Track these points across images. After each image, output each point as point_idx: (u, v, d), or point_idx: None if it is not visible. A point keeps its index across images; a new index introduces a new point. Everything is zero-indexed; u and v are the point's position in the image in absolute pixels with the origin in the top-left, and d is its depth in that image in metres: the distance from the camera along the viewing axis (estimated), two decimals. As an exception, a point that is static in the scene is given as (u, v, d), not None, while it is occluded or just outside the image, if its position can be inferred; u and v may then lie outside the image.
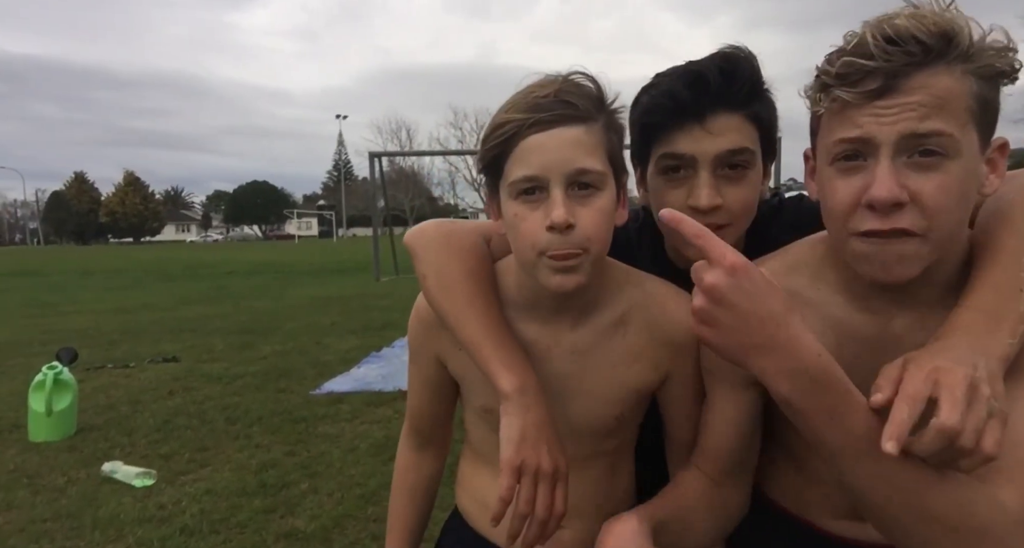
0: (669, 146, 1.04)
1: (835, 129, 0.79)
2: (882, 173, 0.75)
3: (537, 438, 0.91)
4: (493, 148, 0.90)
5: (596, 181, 0.90)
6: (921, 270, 0.79)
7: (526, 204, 0.90)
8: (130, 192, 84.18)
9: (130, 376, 5.51)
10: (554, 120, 0.87)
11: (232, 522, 2.81)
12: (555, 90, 0.88)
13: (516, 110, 0.89)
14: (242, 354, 6.30)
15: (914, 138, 0.75)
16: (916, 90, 0.74)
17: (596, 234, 0.90)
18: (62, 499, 3.08)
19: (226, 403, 4.59)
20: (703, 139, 1.01)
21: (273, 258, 26.50)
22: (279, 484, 3.18)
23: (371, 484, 3.14)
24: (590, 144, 0.89)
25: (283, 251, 35.43)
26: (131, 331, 7.92)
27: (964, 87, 0.74)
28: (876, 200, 0.75)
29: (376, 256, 14.55)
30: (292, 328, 7.82)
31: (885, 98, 0.75)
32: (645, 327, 1.04)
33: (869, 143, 0.77)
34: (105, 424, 4.17)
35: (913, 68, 0.74)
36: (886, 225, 0.76)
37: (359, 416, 4.21)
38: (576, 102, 0.88)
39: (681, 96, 1.01)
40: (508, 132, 0.88)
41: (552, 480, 0.91)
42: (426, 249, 1.07)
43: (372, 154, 15.23)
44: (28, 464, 3.53)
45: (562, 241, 0.88)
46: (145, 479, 3.23)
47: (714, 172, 1.03)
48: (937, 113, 0.74)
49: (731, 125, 1.01)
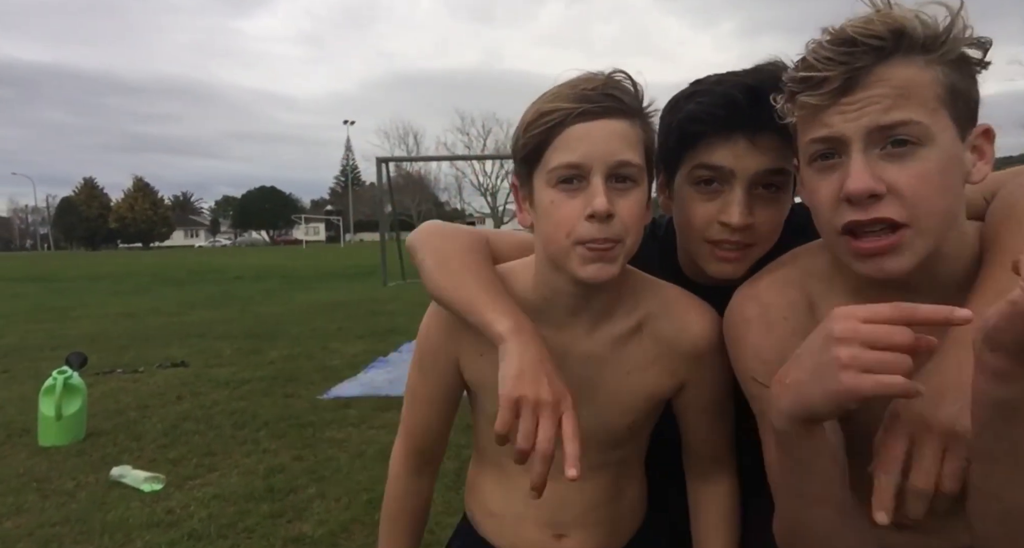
0: (708, 156, 1.00)
1: (807, 131, 0.82)
2: (855, 166, 0.77)
3: (536, 372, 0.89)
4: (537, 135, 0.90)
5: (635, 175, 0.91)
6: (916, 262, 0.79)
7: (564, 192, 0.90)
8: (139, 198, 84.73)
9: (139, 381, 5.53)
10: (601, 112, 0.88)
11: (240, 527, 2.81)
12: (601, 83, 0.89)
13: (562, 100, 0.89)
14: (249, 359, 6.32)
15: (881, 130, 0.76)
16: (876, 84, 0.76)
17: (633, 225, 0.91)
18: (71, 503, 3.09)
19: (234, 408, 4.60)
20: (747, 154, 0.98)
21: (280, 263, 26.58)
22: (287, 489, 3.18)
23: (378, 489, 3.12)
24: (633, 138, 0.90)
25: (290, 256, 35.54)
26: (140, 336, 7.95)
27: (928, 76, 0.76)
28: (852, 193, 0.77)
29: (383, 261, 14.58)
30: (299, 333, 7.84)
31: (848, 95, 0.77)
32: (662, 335, 1.03)
33: (840, 140, 0.78)
34: (114, 429, 4.19)
35: (869, 64, 0.76)
36: (866, 216, 0.77)
37: (366, 421, 4.21)
38: (621, 97, 0.90)
39: (738, 106, 0.97)
40: (554, 120, 0.89)
41: (555, 409, 0.87)
42: (424, 239, 1.09)
43: (379, 159, 15.31)
44: (37, 468, 3.55)
45: (601, 230, 0.88)
46: (153, 484, 3.23)
47: (749, 190, 1.00)
48: (902, 103, 0.76)
49: (776, 144, 0.98)
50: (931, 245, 0.79)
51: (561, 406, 0.87)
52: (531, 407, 0.86)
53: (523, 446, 0.86)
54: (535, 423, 0.86)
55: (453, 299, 1.00)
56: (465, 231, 1.10)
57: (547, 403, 0.86)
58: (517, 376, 0.88)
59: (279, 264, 25.74)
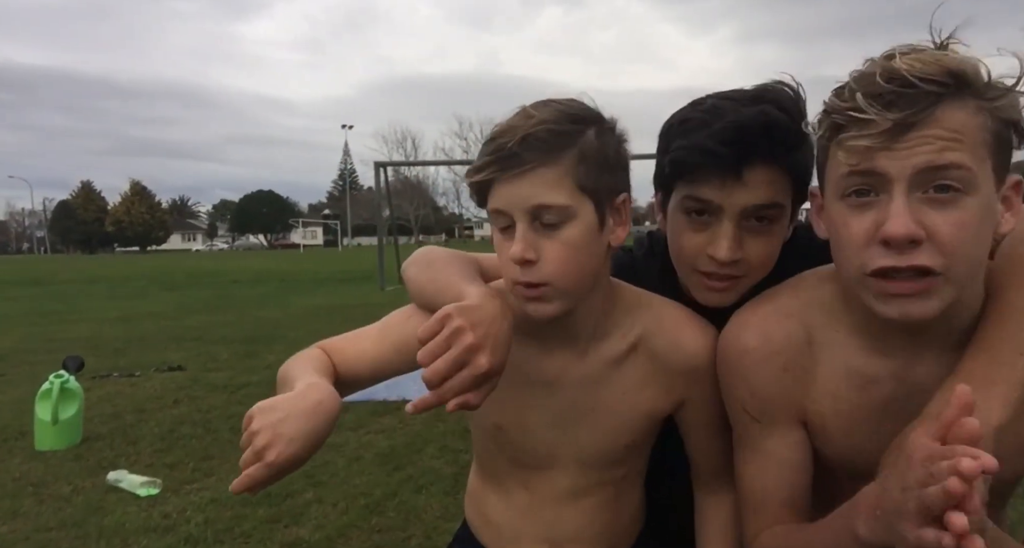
0: (697, 190, 0.99)
1: (845, 164, 0.77)
2: (897, 208, 0.73)
3: (489, 322, 0.86)
4: (475, 190, 0.95)
5: (558, 215, 0.89)
6: (941, 309, 0.75)
7: (503, 235, 0.93)
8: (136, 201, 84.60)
9: (135, 385, 5.51)
10: (519, 171, 0.88)
11: (236, 532, 2.80)
12: (523, 134, 0.88)
13: (487, 156, 0.91)
14: (247, 363, 6.31)
15: (930, 171, 0.72)
16: (931, 125, 0.72)
17: (559, 269, 0.89)
18: (67, 508, 3.08)
19: (231, 412, 4.59)
20: (735, 190, 0.97)
21: (278, 267, 26.54)
22: (283, 493, 3.17)
23: (376, 494, 3.14)
24: (553, 180, 0.88)
25: (288, 260, 35.50)
26: (136, 340, 7.93)
27: (979, 121, 0.73)
28: (892, 236, 0.72)
29: (381, 265, 14.57)
30: (297, 337, 7.82)
31: (899, 136, 0.73)
32: (657, 353, 1.02)
33: (882, 178, 0.74)
34: (110, 433, 4.18)
35: (926, 106, 0.72)
36: (902, 262, 0.73)
37: (363, 425, 4.20)
38: (541, 146, 0.88)
39: (719, 153, 0.95)
40: (482, 182, 0.92)
41: (480, 373, 0.83)
42: (414, 259, 1.12)
43: (377, 164, 15.30)
44: (33, 472, 3.53)
45: (524, 273, 0.90)
46: (150, 488, 3.22)
47: (739, 223, 0.99)
48: (954, 146, 0.72)
49: (766, 178, 0.97)
50: (958, 294, 0.76)
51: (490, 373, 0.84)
52: (456, 336, 0.83)
53: (420, 360, 0.83)
54: (444, 350, 0.82)
55: (429, 291, 1.01)
56: (455, 251, 1.13)
57: (479, 363, 0.83)
58: (467, 308, 0.86)
59: (277, 268, 25.71)
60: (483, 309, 0.88)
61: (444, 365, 0.82)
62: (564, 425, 1.03)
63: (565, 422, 1.03)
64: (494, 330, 0.86)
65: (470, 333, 0.83)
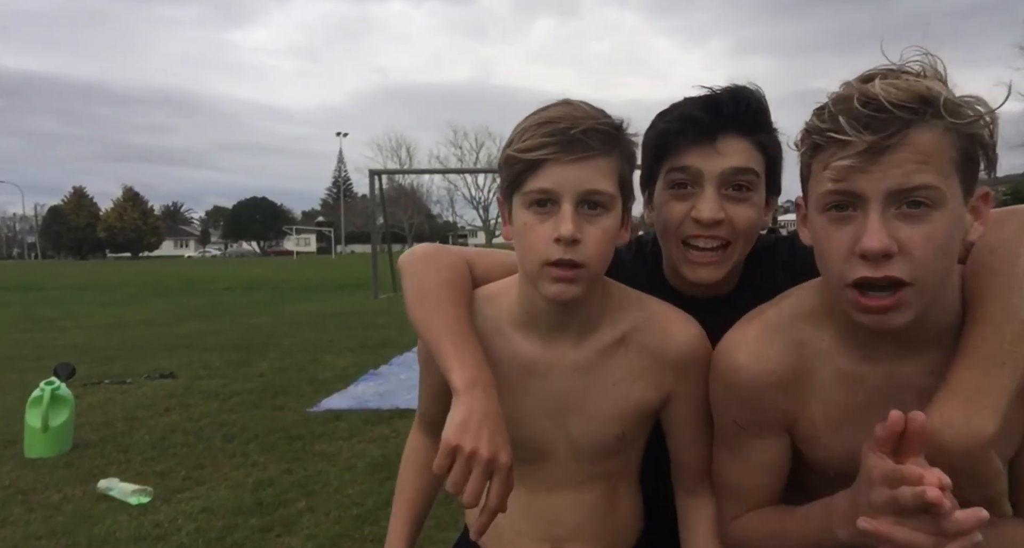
0: (679, 160, 1.11)
1: (825, 182, 0.84)
2: (872, 225, 0.80)
3: (480, 425, 0.92)
4: (516, 169, 0.97)
5: (605, 202, 0.96)
6: (914, 316, 0.83)
7: (537, 215, 0.96)
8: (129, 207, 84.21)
9: (127, 392, 5.49)
10: (574, 158, 0.93)
11: (228, 541, 2.79)
12: (589, 125, 0.94)
13: (540, 136, 0.94)
14: (239, 371, 6.29)
15: (901, 193, 0.79)
16: (902, 148, 0.78)
17: (598, 252, 0.96)
18: (57, 516, 3.06)
19: (223, 420, 4.58)
20: (712, 157, 1.10)
21: (271, 274, 26.47)
22: (276, 503, 3.16)
23: (368, 504, 3.13)
24: (605, 169, 0.96)
25: (281, 267, 35.41)
26: (128, 347, 7.89)
27: (947, 141, 0.79)
28: (867, 251, 0.80)
29: (375, 273, 14.56)
30: (289, 345, 7.81)
31: (873, 158, 0.79)
32: (646, 346, 1.07)
33: (859, 197, 0.81)
34: (101, 441, 4.15)
35: (899, 129, 0.78)
36: (878, 273, 0.81)
37: (356, 434, 4.19)
38: (603, 138, 0.95)
39: (696, 116, 1.10)
40: (531, 161, 0.95)
41: (487, 467, 0.91)
42: (411, 265, 1.14)
43: (372, 172, 15.32)
44: (23, 480, 3.51)
45: (566, 252, 0.94)
46: (141, 497, 3.20)
47: (719, 190, 1.10)
48: (923, 168, 0.79)
49: (739, 148, 1.10)
50: (928, 301, 0.83)
51: (495, 464, 0.91)
52: (465, 458, 0.90)
53: (452, 491, 0.91)
54: (466, 474, 0.90)
55: (424, 336, 1.07)
56: (449, 259, 1.14)
57: (482, 459, 0.90)
58: (460, 424, 0.92)
59: (270, 275, 25.64)
60: (474, 414, 0.93)
61: (474, 485, 0.91)
62: (556, 415, 1.07)
63: (557, 412, 1.07)
64: (489, 425, 0.93)
65: (481, 448, 0.90)
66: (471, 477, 0.90)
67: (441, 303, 1.07)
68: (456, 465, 0.90)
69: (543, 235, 0.95)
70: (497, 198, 1.09)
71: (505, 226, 1.06)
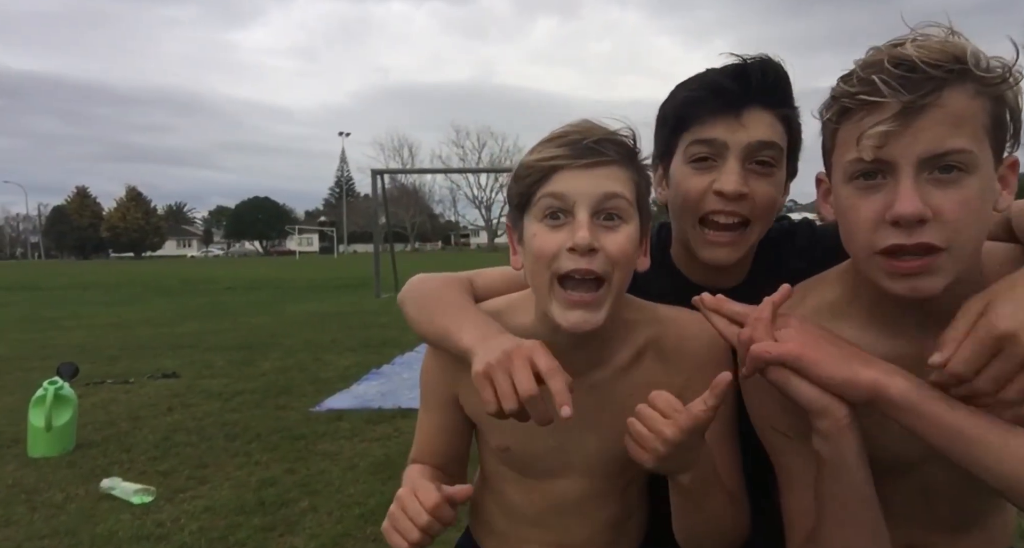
0: (702, 132, 1.06)
1: (850, 149, 0.81)
2: (905, 190, 0.77)
3: (499, 353, 0.86)
4: (527, 183, 0.92)
5: (623, 209, 0.91)
6: (947, 283, 0.80)
7: (549, 226, 0.91)
8: (132, 207, 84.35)
9: (129, 392, 5.49)
10: (588, 163, 0.90)
11: (231, 540, 2.79)
12: (603, 135, 0.91)
13: (552, 147, 0.91)
14: (241, 370, 6.29)
15: (934, 158, 0.77)
16: (935, 110, 0.76)
17: (620, 261, 0.90)
18: (60, 515, 3.06)
19: (225, 420, 4.58)
20: (737, 129, 1.05)
21: (273, 274, 26.51)
22: (278, 502, 3.16)
23: (370, 503, 3.13)
24: (622, 177, 0.92)
25: (283, 267, 35.45)
26: (131, 346, 7.91)
27: (978, 105, 0.77)
28: (901, 216, 0.77)
29: (377, 273, 14.56)
30: (292, 344, 7.81)
31: (905, 120, 0.76)
32: (663, 353, 1.03)
33: (889, 164, 0.78)
34: (104, 440, 4.16)
35: (932, 90, 0.76)
36: (910, 240, 0.78)
37: (359, 434, 4.19)
38: (607, 150, 0.91)
39: (723, 85, 1.05)
40: (543, 170, 0.90)
41: (520, 356, 0.84)
42: (408, 292, 1.13)
43: (374, 171, 15.32)
44: (26, 480, 3.52)
45: (583, 262, 0.88)
46: (144, 496, 3.21)
47: (743, 163, 1.06)
48: (955, 132, 0.76)
49: (765, 121, 1.06)
50: (961, 269, 0.81)
51: (525, 350, 0.85)
52: (499, 368, 0.84)
53: (510, 407, 0.84)
54: (511, 380, 0.84)
55: (430, 332, 1.03)
56: (445, 275, 1.13)
57: (510, 354, 0.85)
58: (481, 357, 0.88)
59: (272, 275, 25.67)
60: (491, 348, 0.88)
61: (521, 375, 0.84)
62: (571, 433, 1.03)
63: (572, 430, 1.03)
64: (508, 339, 0.89)
65: (508, 348, 0.85)
66: (515, 373, 0.83)
67: (440, 298, 1.05)
68: (498, 382, 0.84)
69: (554, 242, 0.89)
70: (506, 224, 1.03)
71: (514, 255, 1.00)
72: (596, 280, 0.90)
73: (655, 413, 0.85)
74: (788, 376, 0.83)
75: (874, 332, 0.91)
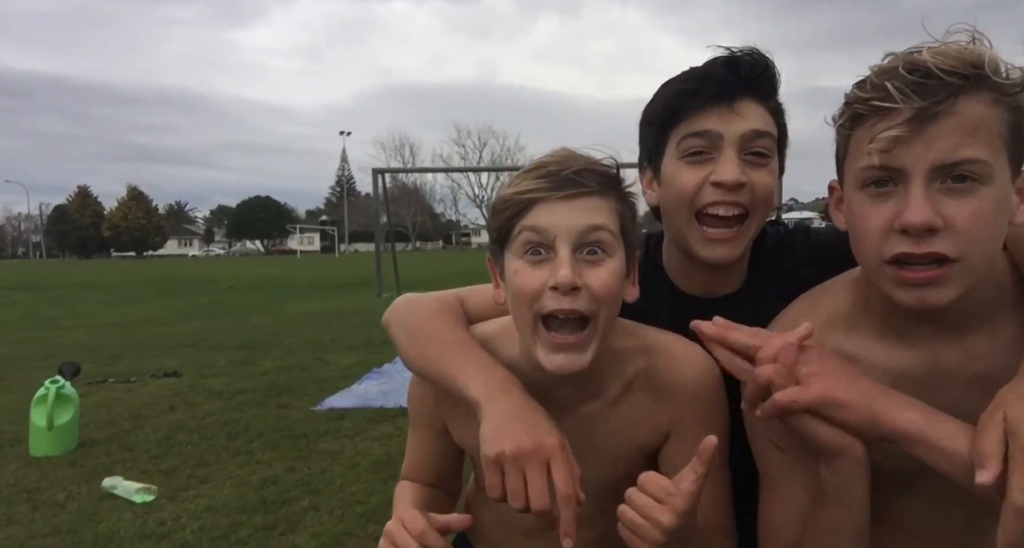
0: (695, 125, 1.04)
1: (862, 156, 0.80)
2: (915, 198, 0.75)
3: (512, 424, 0.84)
4: (506, 217, 0.89)
5: (607, 242, 0.87)
6: (957, 295, 0.78)
7: (529, 263, 0.87)
8: (133, 206, 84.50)
9: (131, 391, 5.50)
10: (566, 195, 0.86)
11: (232, 539, 2.79)
12: (575, 168, 0.88)
13: (529, 180, 0.88)
14: (243, 369, 6.29)
15: (946, 167, 0.75)
16: (949, 117, 0.74)
17: (606, 295, 0.87)
18: (62, 514, 3.06)
19: (227, 419, 4.58)
20: (731, 120, 1.03)
21: (275, 273, 26.52)
22: (280, 501, 3.16)
23: (372, 502, 3.13)
24: (604, 207, 0.88)
25: (285, 266, 35.48)
26: (132, 345, 7.91)
27: (995, 114, 0.75)
28: (910, 225, 0.75)
29: (378, 272, 14.56)
30: (293, 343, 7.82)
31: (918, 127, 0.75)
32: (651, 386, 1.00)
33: (900, 171, 0.77)
34: (106, 439, 4.16)
35: (944, 98, 0.74)
36: (920, 249, 0.76)
37: (360, 433, 4.20)
38: (587, 180, 0.88)
39: (714, 75, 1.04)
40: (521, 202, 0.88)
41: (536, 458, 0.81)
42: (394, 313, 1.09)
43: (375, 170, 15.30)
44: (28, 479, 3.52)
45: (566, 302, 0.85)
46: (145, 495, 3.21)
47: (739, 154, 1.04)
48: (970, 141, 0.74)
49: (756, 111, 1.05)
50: (973, 281, 0.79)
51: (542, 450, 0.82)
52: (512, 461, 0.82)
53: (516, 506, 0.82)
54: (522, 479, 0.81)
55: (427, 372, 1.00)
56: (436, 297, 1.08)
57: (527, 452, 0.81)
58: (493, 433, 0.84)
59: (273, 274, 25.69)
60: (501, 416, 0.85)
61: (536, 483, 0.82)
62: None
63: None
64: (523, 418, 0.85)
65: (522, 442, 0.82)
66: (529, 477, 0.81)
67: (435, 333, 1.00)
68: (508, 475, 0.81)
69: (535, 280, 0.85)
70: (487, 260, 0.99)
71: (496, 289, 0.97)
72: (581, 319, 0.87)
73: (648, 499, 0.81)
74: (807, 420, 0.81)
75: (889, 343, 0.89)
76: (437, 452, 1.11)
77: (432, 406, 1.07)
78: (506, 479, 0.82)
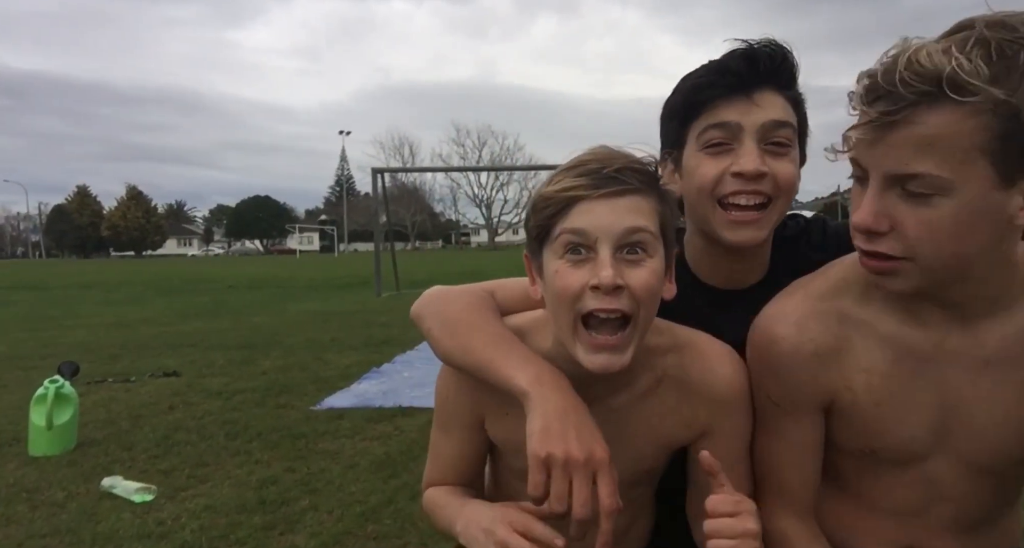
0: (715, 117, 1.05)
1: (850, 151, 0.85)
2: (866, 201, 0.82)
3: (563, 425, 0.84)
4: (546, 215, 0.89)
5: (647, 242, 0.87)
6: (914, 287, 0.84)
7: (570, 262, 0.87)
8: (132, 206, 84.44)
9: (130, 390, 5.49)
10: (608, 193, 0.86)
11: (232, 539, 2.79)
12: (617, 166, 0.88)
13: (571, 178, 0.88)
14: (242, 369, 6.29)
15: (898, 178, 0.79)
16: (904, 129, 0.76)
17: (646, 298, 0.86)
18: (61, 514, 3.06)
19: (226, 418, 4.58)
20: (750, 110, 1.04)
21: (274, 273, 26.50)
22: (279, 501, 3.16)
23: (371, 501, 3.13)
24: (645, 208, 0.88)
25: (284, 266, 35.46)
26: (132, 345, 7.90)
27: (970, 124, 0.73)
28: (853, 224, 0.83)
29: (377, 271, 14.56)
30: (292, 343, 7.81)
31: (879, 134, 0.78)
32: (683, 383, 1.01)
33: (864, 170, 0.82)
34: (105, 439, 4.16)
35: (904, 107, 0.75)
36: (868, 247, 0.84)
37: (359, 432, 4.19)
38: (630, 179, 0.88)
39: (732, 67, 1.04)
40: (562, 201, 0.87)
41: (587, 469, 0.82)
42: (426, 305, 1.09)
43: (375, 170, 15.31)
44: (27, 478, 3.52)
45: (608, 302, 0.85)
46: (145, 495, 3.21)
47: (759, 144, 1.05)
48: (921, 156, 0.75)
49: (776, 102, 1.05)
50: (937, 277, 0.82)
51: (593, 462, 0.83)
52: (561, 466, 0.82)
53: (557, 509, 0.82)
54: (567, 484, 0.82)
55: (466, 363, 0.99)
56: (468, 290, 1.08)
57: (577, 461, 0.82)
58: (543, 431, 0.84)
59: (273, 274, 25.68)
60: (552, 414, 0.85)
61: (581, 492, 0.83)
62: None
63: None
64: (574, 419, 0.85)
65: (572, 450, 0.82)
66: (575, 486, 0.82)
67: (474, 324, 0.99)
68: (554, 478, 0.82)
69: (576, 280, 0.85)
70: (524, 255, 0.99)
71: (532, 285, 0.97)
72: (621, 318, 0.87)
73: (725, 520, 0.84)
74: None
75: (898, 317, 0.93)
76: (467, 453, 1.09)
77: (468, 400, 1.05)
78: (552, 482, 0.83)
